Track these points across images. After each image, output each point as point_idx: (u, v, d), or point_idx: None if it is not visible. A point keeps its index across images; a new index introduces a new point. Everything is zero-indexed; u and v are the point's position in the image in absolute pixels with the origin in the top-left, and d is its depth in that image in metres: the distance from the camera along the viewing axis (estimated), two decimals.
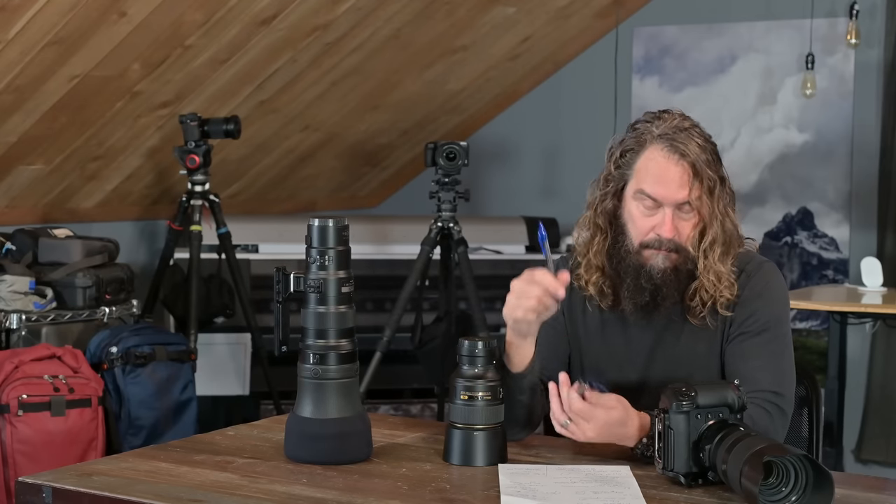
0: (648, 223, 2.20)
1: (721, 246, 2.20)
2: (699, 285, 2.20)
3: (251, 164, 5.10)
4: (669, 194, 2.17)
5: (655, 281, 2.18)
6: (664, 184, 2.17)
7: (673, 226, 2.18)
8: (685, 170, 2.17)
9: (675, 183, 2.17)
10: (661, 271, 2.18)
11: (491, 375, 2.04)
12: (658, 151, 2.19)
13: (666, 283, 2.19)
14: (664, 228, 2.18)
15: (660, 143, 2.19)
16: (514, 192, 5.67)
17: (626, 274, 2.21)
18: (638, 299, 2.20)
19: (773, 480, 1.73)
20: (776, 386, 2.14)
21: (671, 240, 2.18)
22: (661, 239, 2.18)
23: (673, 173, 2.17)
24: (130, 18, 3.68)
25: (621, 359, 2.28)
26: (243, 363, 4.68)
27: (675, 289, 2.20)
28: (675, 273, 2.19)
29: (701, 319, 2.21)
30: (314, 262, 2.04)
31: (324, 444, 2.03)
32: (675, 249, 2.19)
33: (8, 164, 4.13)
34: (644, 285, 2.19)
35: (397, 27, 4.55)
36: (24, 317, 3.78)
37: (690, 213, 2.19)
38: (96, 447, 3.63)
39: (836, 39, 4.91)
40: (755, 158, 5.16)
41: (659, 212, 2.19)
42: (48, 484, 1.89)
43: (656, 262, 2.19)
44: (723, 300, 2.20)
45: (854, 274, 4.85)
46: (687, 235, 2.20)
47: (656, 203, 2.18)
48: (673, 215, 2.18)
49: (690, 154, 2.17)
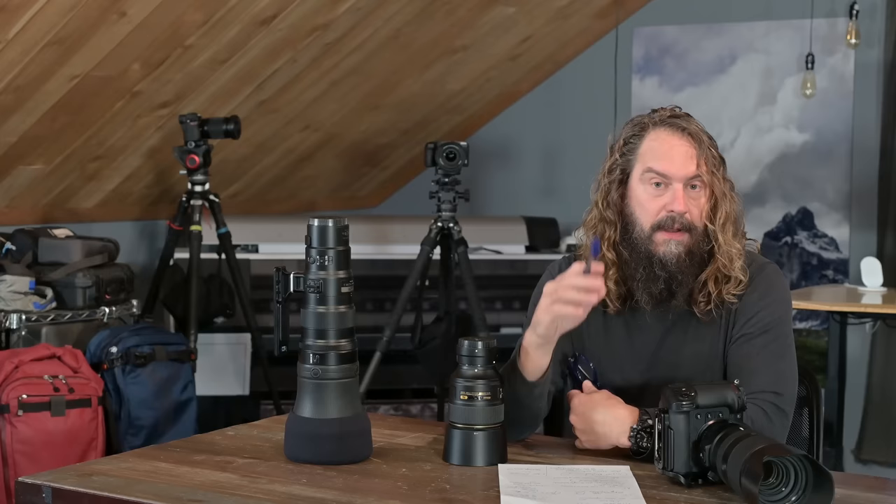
0: (659, 203, 2.18)
1: (732, 225, 2.20)
2: (712, 270, 2.18)
3: (251, 164, 5.10)
4: (678, 168, 2.17)
5: (670, 268, 2.17)
6: (671, 158, 2.17)
7: (685, 200, 2.17)
8: (691, 144, 2.18)
9: (682, 156, 2.17)
10: (674, 257, 2.17)
11: (491, 375, 2.04)
12: (661, 132, 2.20)
13: (681, 270, 2.17)
14: (676, 203, 2.16)
15: (661, 125, 2.21)
16: (514, 192, 5.67)
17: (638, 263, 2.19)
18: (652, 288, 2.18)
19: (773, 480, 1.73)
20: (775, 386, 2.14)
21: (683, 216, 2.16)
22: (674, 216, 2.16)
23: (679, 148, 2.18)
24: (130, 18, 3.68)
25: (623, 360, 2.28)
26: (243, 363, 4.68)
27: (689, 275, 2.18)
28: (690, 258, 2.17)
29: (707, 314, 2.20)
30: (314, 262, 2.04)
31: (324, 444, 2.03)
32: (687, 229, 2.17)
33: (8, 164, 4.13)
34: (658, 273, 2.17)
35: (397, 27, 4.55)
36: (24, 317, 3.78)
37: (700, 189, 2.18)
38: (96, 447, 3.63)
39: (836, 39, 4.91)
40: (755, 158, 5.16)
41: (668, 190, 2.17)
42: (48, 484, 1.89)
43: (669, 249, 2.17)
44: (732, 287, 2.18)
45: (854, 274, 4.85)
46: (699, 212, 2.18)
47: (665, 180, 2.17)
48: (685, 192, 2.17)
49: (693, 131, 2.19)
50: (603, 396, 2.13)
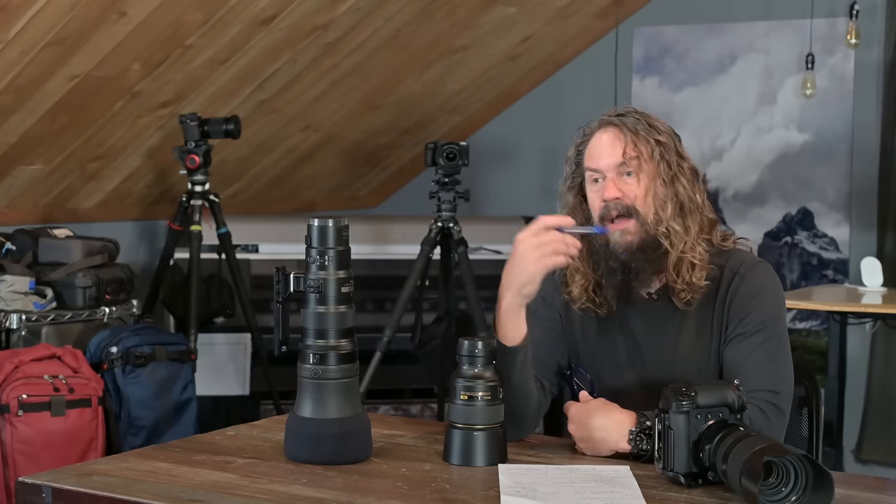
0: (599, 197, 2.22)
1: (673, 206, 2.20)
2: (672, 256, 2.19)
3: (251, 164, 5.10)
4: (606, 158, 2.21)
5: (620, 257, 2.19)
6: (601, 151, 2.22)
7: (615, 187, 2.19)
8: (616, 135, 2.22)
9: (608, 147, 2.21)
10: (622, 246, 2.19)
11: (490, 375, 2.05)
12: (598, 132, 2.25)
13: (633, 259, 2.19)
14: (606, 190, 2.20)
15: (600, 127, 2.25)
16: (514, 192, 5.67)
17: (597, 262, 2.23)
18: (613, 281, 2.21)
19: (773, 480, 1.73)
20: (771, 384, 2.14)
21: (618, 201, 2.19)
22: (608, 203, 2.19)
23: (605, 141, 2.22)
24: (130, 18, 3.68)
25: (620, 363, 2.28)
26: (243, 363, 4.68)
27: (644, 262, 2.20)
28: (641, 246, 2.19)
29: (687, 303, 2.21)
30: (314, 262, 2.04)
31: (324, 444, 2.03)
32: (626, 213, 2.19)
33: (8, 164, 4.13)
34: (612, 265, 2.20)
35: (397, 27, 4.55)
36: (24, 317, 3.78)
37: (634, 175, 2.20)
38: (96, 447, 3.63)
39: (836, 39, 4.91)
40: (755, 158, 5.16)
41: (605, 183, 2.21)
42: (48, 484, 1.89)
43: (615, 238, 2.20)
44: (697, 272, 2.19)
45: (854, 274, 4.85)
46: (634, 196, 2.20)
47: (599, 174, 2.22)
48: (615, 179, 2.20)
49: (626, 123, 2.22)
50: (599, 403, 2.14)
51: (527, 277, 2.09)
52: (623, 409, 2.10)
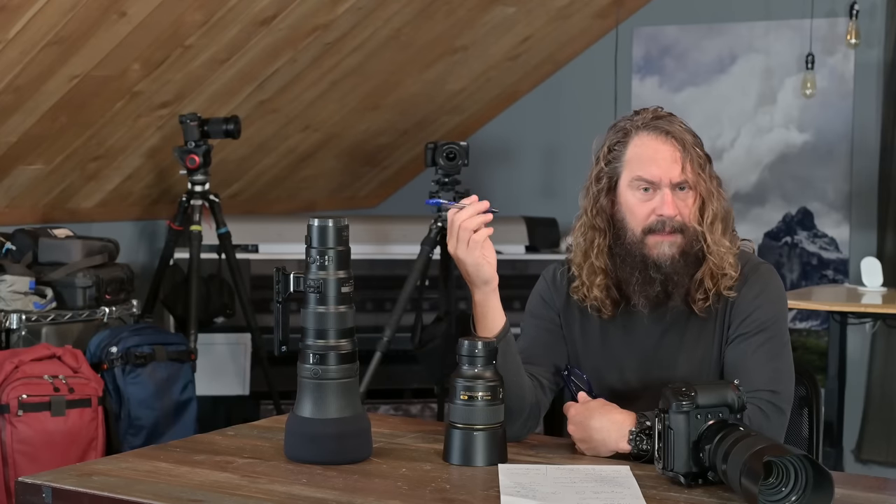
0: (648, 208, 2.20)
1: (721, 223, 2.21)
2: (706, 268, 2.19)
3: (251, 164, 5.10)
4: (664, 173, 2.18)
5: (664, 270, 2.18)
6: (657, 163, 2.19)
7: (674, 203, 2.18)
8: (675, 147, 2.19)
9: (667, 161, 2.19)
10: (668, 258, 2.18)
11: (490, 375, 2.04)
12: (645, 137, 2.21)
13: (676, 271, 2.18)
14: (665, 207, 2.18)
15: (645, 130, 2.22)
16: (514, 192, 5.67)
17: (633, 268, 2.20)
18: (648, 292, 2.20)
19: (773, 480, 1.73)
20: (772, 384, 2.15)
21: (674, 218, 2.18)
22: (664, 219, 2.18)
23: (664, 152, 2.19)
24: (130, 18, 3.68)
25: (622, 363, 2.28)
26: (243, 363, 4.68)
27: (685, 275, 2.19)
28: (684, 258, 2.19)
29: (706, 311, 2.21)
30: (314, 262, 2.04)
31: (324, 444, 2.03)
32: (679, 230, 2.19)
33: (8, 164, 4.13)
34: (653, 276, 2.19)
35: (397, 27, 4.55)
36: (24, 317, 3.78)
37: (687, 190, 2.20)
38: (96, 447, 3.63)
39: (836, 39, 4.91)
40: (755, 158, 5.16)
41: (657, 194, 2.19)
42: (48, 484, 1.89)
43: (662, 250, 2.18)
44: (727, 281, 2.20)
45: (854, 274, 4.85)
46: (688, 213, 2.20)
47: (653, 185, 2.19)
48: (671, 195, 2.18)
49: (676, 133, 2.20)
50: (598, 404, 2.14)
51: (472, 266, 2.13)
52: (623, 410, 2.10)
